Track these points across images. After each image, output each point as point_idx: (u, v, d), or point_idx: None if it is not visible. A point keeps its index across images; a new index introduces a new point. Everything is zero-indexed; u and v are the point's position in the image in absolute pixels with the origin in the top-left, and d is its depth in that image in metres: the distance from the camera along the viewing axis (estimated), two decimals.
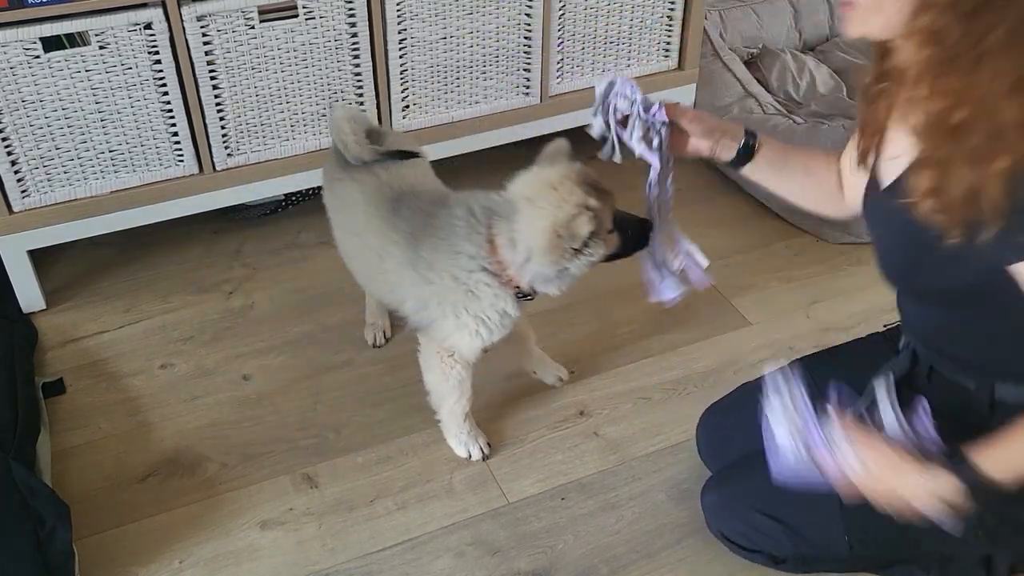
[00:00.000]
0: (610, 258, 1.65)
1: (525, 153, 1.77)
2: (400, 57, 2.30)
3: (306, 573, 1.69)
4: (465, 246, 1.65)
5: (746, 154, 1.54)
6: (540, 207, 1.57)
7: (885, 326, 1.73)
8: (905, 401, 1.35)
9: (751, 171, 1.57)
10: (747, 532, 1.57)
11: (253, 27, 2.12)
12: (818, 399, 1.34)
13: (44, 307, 2.27)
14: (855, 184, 1.50)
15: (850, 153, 1.51)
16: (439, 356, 1.78)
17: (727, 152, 1.53)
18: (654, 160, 1.50)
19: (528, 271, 1.63)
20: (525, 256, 1.61)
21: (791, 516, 1.53)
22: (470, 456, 1.89)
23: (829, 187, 1.59)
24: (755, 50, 2.93)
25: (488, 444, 1.90)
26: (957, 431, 1.31)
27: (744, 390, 1.79)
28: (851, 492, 1.32)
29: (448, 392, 1.83)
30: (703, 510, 1.67)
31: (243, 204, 2.51)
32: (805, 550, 1.55)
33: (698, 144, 1.52)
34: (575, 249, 1.57)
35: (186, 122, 2.18)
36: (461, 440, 1.89)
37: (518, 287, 1.68)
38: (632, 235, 1.64)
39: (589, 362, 2.13)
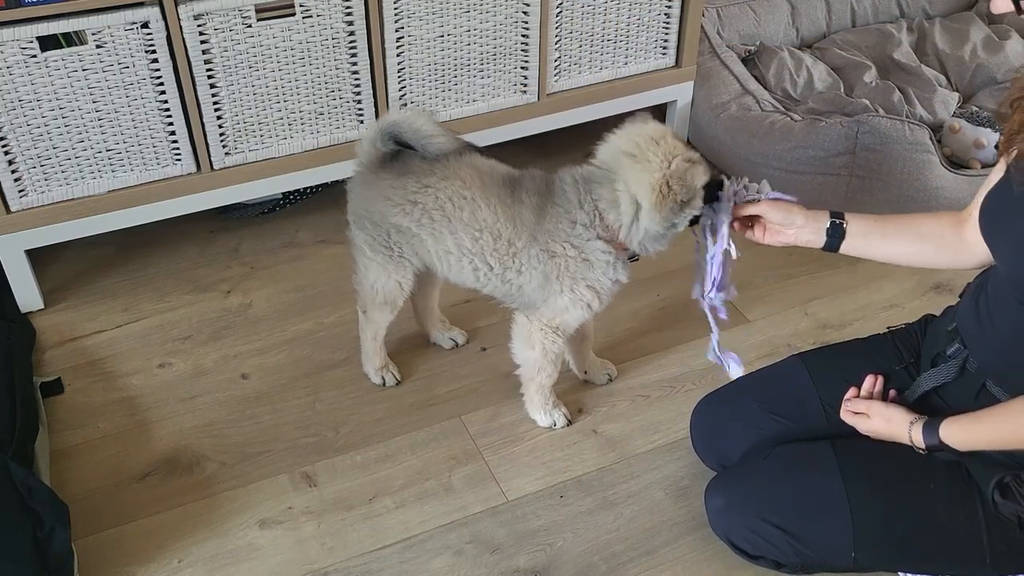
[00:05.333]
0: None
1: (524, 152, 1.78)
2: (397, 55, 2.30)
3: (305, 572, 1.70)
4: (579, 214, 1.70)
5: (837, 235, 1.57)
6: (647, 161, 1.60)
7: (889, 328, 1.73)
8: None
9: (849, 249, 1.60)
10: (753, 539, 1.57)
11: (250, 26, 2.11)
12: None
13: (42, 307, 2.27)
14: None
15: (978, 203, 1.51)
16: (543, 332, 1.83)
17: (816, 239, 1.58)
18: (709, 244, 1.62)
19: (638, 230, 1.66)
20: (632, 214, 1.64)
21: (799, 528, 1.53)
22: (554, 425, 1.97)
23: (943, 246, 1.58)
24: (753, 47, 2.93)
25: (568, 413, 1.98)
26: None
27: (738, 383, 1.79)
28: None
29: (544, 365, 1.88)
30: (708, 513, 1.66)
31: (241, 203, 2.51)
32: (809, 560, 1.56)
33: (782, 233, 1.57)
34: (683, 201, 1.59)
35: (183, 121, 2.17)
36: (546, 411, 1.96)
37: (626, 249, 1.71)
38: (710, 192, 1.64)
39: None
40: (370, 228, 1.85)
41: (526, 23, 2.40)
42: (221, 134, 2.23)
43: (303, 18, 2.16)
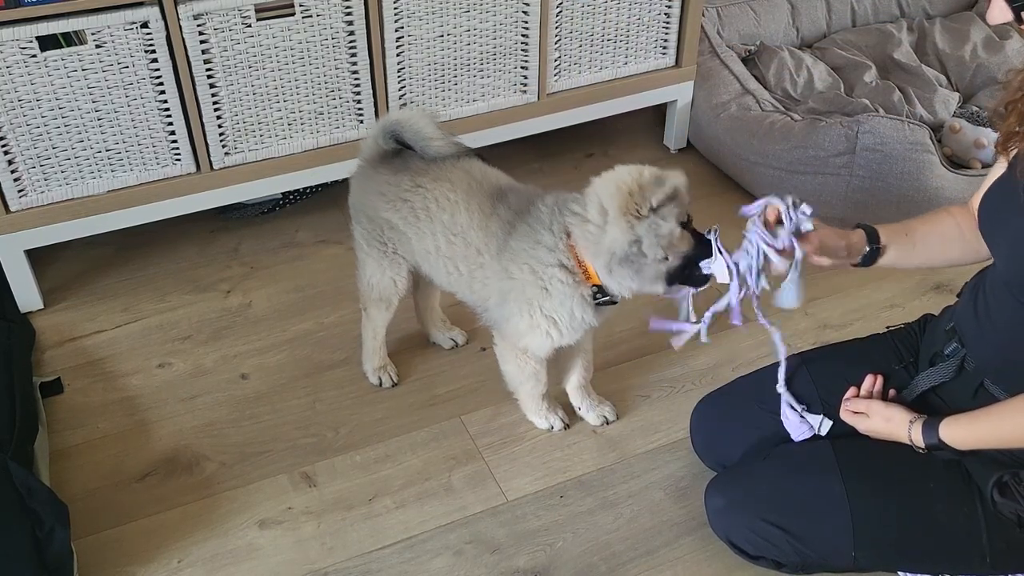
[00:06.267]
0: (673, 276, 1.61)
1: (524, 152, 1.77)
2: (397, 55, 2.30)
3: (305, 572, 1.69)
4: (545, 236, 1.67)
5: (872, 258, 1.56)
6: (619, 174, 1.58)
7: (888, 328, 1.73)
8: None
9: (883, 264, 1.58)
10: (753, 539, 1.57)
11: (250, 25, 2.11)
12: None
13: (42, 307, 2.27)
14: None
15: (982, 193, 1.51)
16: (513, 352, 1.82)
17: (853, 261, 1.56)
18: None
19: (602, 247, 1.59)
20: (599, 224, 1.59)
21: (799, 528, 1.53)
22: (552, 428, 1.96)
23: (966, 243, 1.58)
24: (753, 47, 2.93)
25: (566, 415, 1.97)
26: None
27: (739, 382, 1.79)
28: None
29: (523, 381, 1.88)
30: (708, 513, 1.66)
31: (240, 203, 2.51)
32: (809, 559, 1.55)
33: (820, 260, 1.54)
34: (651, 209, 1.54)
35: (183, 121, 2.17)
36: (542, 415, 1.95)
37: (596, 285, 1.67)
38: (701, 244, 1.59)
39: None
40: (366, 223, 1.86)
41: (526, 23, 2.40)
42: (221, 134, 2.23)
43: (303, 18, 2.16)
